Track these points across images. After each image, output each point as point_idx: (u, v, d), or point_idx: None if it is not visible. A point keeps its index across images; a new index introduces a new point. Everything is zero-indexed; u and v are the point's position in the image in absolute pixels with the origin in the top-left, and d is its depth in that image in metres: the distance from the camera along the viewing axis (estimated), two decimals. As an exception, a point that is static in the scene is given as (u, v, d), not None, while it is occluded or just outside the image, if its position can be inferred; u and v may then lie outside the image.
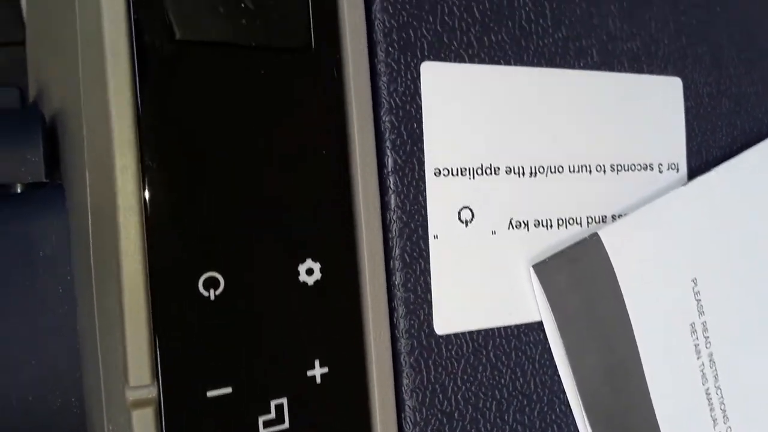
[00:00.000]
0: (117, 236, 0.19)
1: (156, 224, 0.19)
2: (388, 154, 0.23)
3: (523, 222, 0.25)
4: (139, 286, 0.19)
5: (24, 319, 0.25)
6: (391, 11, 0.24)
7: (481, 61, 0.25)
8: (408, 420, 0.23)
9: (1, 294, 0.25)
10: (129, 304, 0.19)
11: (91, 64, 0.21)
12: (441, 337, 0.24)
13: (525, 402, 0.25)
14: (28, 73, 0.39)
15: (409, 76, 0.24)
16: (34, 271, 0.25)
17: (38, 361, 0.25)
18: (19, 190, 0.26)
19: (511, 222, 0.25)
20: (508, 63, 0.26)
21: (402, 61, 0.24)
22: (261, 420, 0.21)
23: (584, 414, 0.26)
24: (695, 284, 0.28)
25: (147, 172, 0.19)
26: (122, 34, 0.19)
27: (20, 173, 0.25)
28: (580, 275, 0.26)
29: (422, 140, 0.24)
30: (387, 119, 0.23)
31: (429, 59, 0.24)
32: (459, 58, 0.25)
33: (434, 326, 0.24)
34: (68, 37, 0.24)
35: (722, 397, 0.28)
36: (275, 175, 0.21)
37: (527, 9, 0.26)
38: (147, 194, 0.19)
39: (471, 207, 0.25)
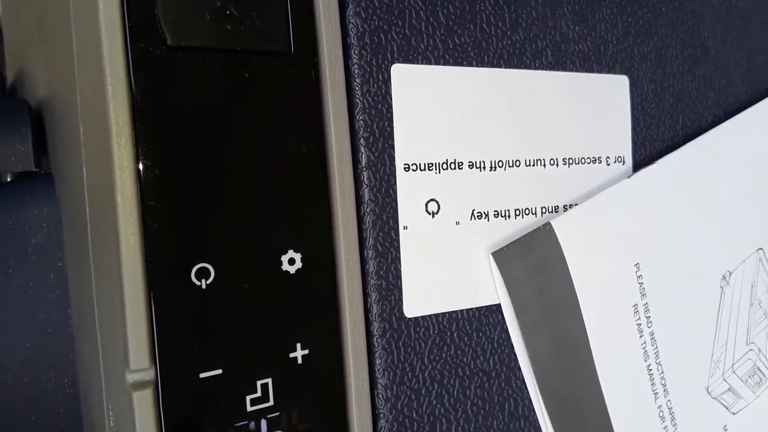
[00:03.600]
0: (117, 234, 0.21)
1: (152, 220, 0.21)
2: (362, 150, 0.25)
3: (484, 213, 0.28)
4: (139, 280, 0.21)
5: (17, 305, 0.26)
6: (363, 16, 0.25)
7: (446, 63, 0.27)
8: (380, 396, 0.25)
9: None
10: (129, 296, 0.21)
11: (89, 67, 0.22)
12: (410, 319, 0.26)
13: (485, 378, 0.28)
14: (5, 53, 0.39)
15: (380, 77, 0.26)
16: (27, 259, 0.27)
17: (32, 344, 0.26)
18: (9, 179, 0.27)
19: (473, 213, 0.27)
20: (470, 64, 0.27)
21: (374, 63, 0.25)
22: (248, 398, 0.23)
23: (537, 388, 0.28)
24: (638, 269, 0.30)
25: (143, 171, 0.21)
26: (118, 40, 0.21)
27: (10, 162, 0.26)
28: (534, 262, 0.28)
29: (393, 137, 0.26)
30: (361, 118, 0.25)
31: (399, 62, 0.26)
32: (426, 60, 0.26)
33: (404, 310, 0.26)
34: (61, 37, 0.25)
35: (663, 372, 0.31)
36: (259, 171, 0.23)
37: (488, 12, 0.28)
38: (143, 192, 0.21)
39: (437, 199, 0.27)
